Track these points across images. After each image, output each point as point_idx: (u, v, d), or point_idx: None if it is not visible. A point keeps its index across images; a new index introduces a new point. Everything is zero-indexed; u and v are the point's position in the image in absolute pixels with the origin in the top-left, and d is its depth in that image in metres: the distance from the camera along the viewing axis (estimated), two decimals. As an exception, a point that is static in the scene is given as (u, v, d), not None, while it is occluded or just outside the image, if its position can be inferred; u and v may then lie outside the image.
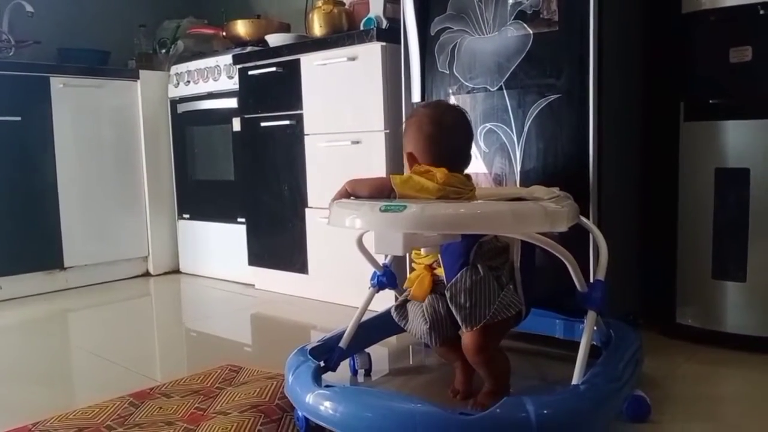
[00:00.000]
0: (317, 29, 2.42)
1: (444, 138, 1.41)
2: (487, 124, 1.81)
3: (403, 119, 2.02)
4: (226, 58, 2.74)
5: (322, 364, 1.40)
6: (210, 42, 3.17)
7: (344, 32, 2.37)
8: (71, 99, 2.78)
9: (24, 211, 2.66)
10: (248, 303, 2.51)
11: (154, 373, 1.72)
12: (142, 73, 3.00)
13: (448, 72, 1.89)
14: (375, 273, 1.60)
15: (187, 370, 1.71)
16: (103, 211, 2.89)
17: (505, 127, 1.77)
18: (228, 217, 2.81)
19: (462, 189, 1.32)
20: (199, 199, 2.99)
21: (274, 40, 2.61)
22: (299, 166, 2.42)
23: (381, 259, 1.59)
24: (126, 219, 2.98)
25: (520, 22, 1.72)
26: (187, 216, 3.04)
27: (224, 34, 3.01)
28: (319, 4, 2.45)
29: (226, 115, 2.76)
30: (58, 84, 2.73)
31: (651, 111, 1.90)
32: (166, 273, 3.10)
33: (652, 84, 1.90)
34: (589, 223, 1.48)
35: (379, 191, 1.33)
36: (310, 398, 1.19)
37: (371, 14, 2.26)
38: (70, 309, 2.56)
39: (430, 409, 1.08)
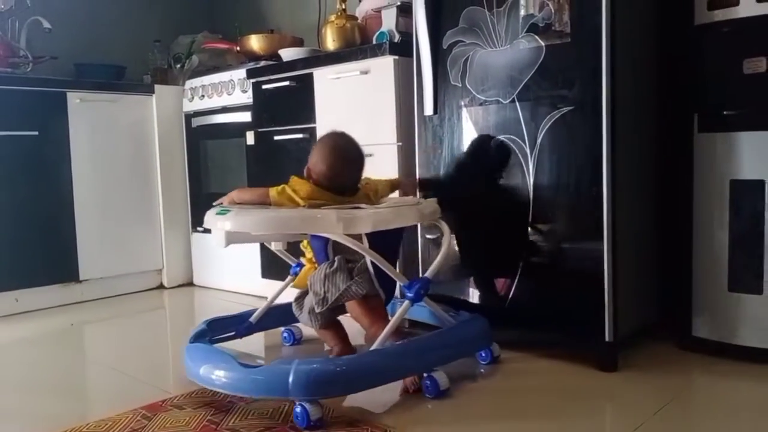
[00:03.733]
0: (330, 43, 2.44)
1: (338, 169, 1.72)
2: (499, 137, 1.81)
3: (416, 132, 2.03)
4: (240, 73, 2.76)
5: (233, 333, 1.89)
6: (224, 56, 3.20)
7: (357, 46, 2.38)
8: (88, 114, 2.81)
9: (40, 224, 2.68)
10: (261, 316, 2.51)
11: (167, 385, 1.72)
12: (157, 87, 3.04)
13: (460, 85, 1.89)
14: (293, 265, 1.93)
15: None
16: (118, 225, 2.92)
17: (517, 139, 1.77)
18: (241, 230, 2.82)
19: (325, 203, 1.62)
20: (213, 212, 2.99)
21: (287, 54, 2.64)
22: (312, 179, 2.42)
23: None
24: (141, 232, 3.00)
25: (532, 34, 1.72)
26: (201, 229, 3.06)
27: (238, 48, 3.04)
28: (332, 18, 2.48)
29: (239, 129, 2.78)
30: (74, 99, 2.77)
31: (664, 122, 1.90)
32: (180, 286, 3.11)
33: (666, 95, 1.89)
34: (444, 225, 1.75)
35: (260, 199, 1.66)
36: (185, 349, 1.65)
37: (384, 28, 2.27)
38: (85, 321, 2.57)
39: (228, 359, 1.49)
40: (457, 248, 1.96)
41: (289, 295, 1.91)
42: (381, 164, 2.18)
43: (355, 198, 1.72)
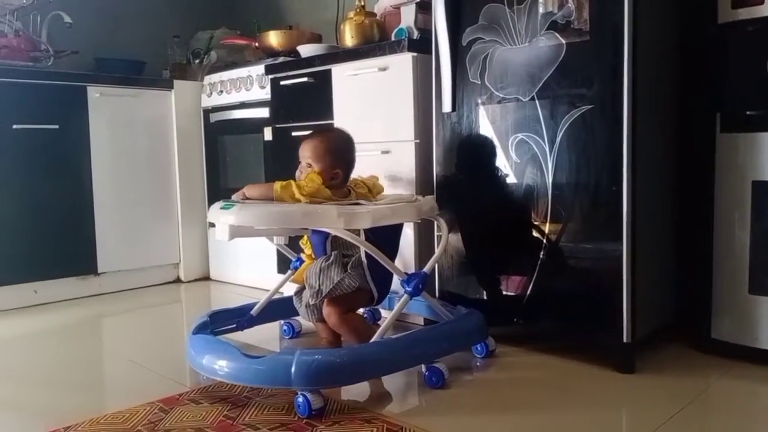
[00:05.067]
0: (349, 40, 2.44)
1: (338, 163, 1.82)
2: (518, 135, 1.80)
3: (434, 129, 2.03)
4: (259, 68, 2.77)
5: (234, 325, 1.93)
6: (242, 52, 3.21)
7: (375, 43, 2.38)
8: (107, 108, 2.84)
9: (60, 216, 2.71)
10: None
11: (184, 378, 1.73)
12: (176, 83, 3.06)
13: (479, 82, 1.89)
14: (293, 259, 2.00)
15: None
16: (136, 218, 2.94)
17: (536, 137, 1.76)
18: (258, 226, 2.83)
19: (327, 199, 1.70)
20: (229, 207, 3.01)
21: (305, 50, 2.64)
22: (329, 175, 2.43)
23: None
24: (158, 226, 3.03)
25: (553, 32, 1.71)
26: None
27: (257, 44, 3.05)
28: (351, 15, 2.47)
29: (257, 125, 2.79)
30: (95, 93, 2.80)
31: (686, 122, 1.88)
32: (196, 280, 3.14)
33: (687, 94, 1.87)
34: (442, 222, 1.82)
35: (266, 194, 1.71)
36: (188, 340, 1.70)
37: (402, 25, 2.26)
38: (103, 314, 2.60)
39: (232, 350, 1.54)
40: (474, 246, 1.95)
41: (290, 288, 1.94)
42: (398, 161, 2.18)
43: (351, 197, 1.79)
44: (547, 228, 1.76)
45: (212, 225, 3.09)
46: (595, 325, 1.69)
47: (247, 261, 2.92)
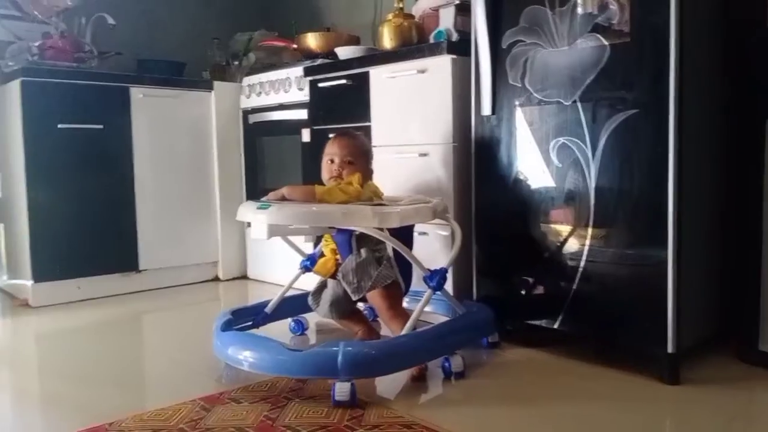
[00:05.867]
0: (387, 42, 2.44)
1: (370, 164, 2.00)
2: (560, 139, 1.78)
3: (472, 132, 2.02)
4: (297, 70, 2.79)
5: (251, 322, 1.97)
6: (281, 54, 3.24)
7: (414, 45, 2.38)
8: (150, 108, 2.89)
9: (103, 215, 2.78)
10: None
11: (222, 376, 1.75)
12: (216, 84, 3.10)
13: (519, 85, 1.87)
14: (302, 259, 2.04)
15: (254, 376, 1.73)
16: (176, 217, 2.99)
17: (579, 141, 1.73)
18: (295, 226, 2.85)
19: (372, 197, 1.83)
20: (267, 207, 3.04)
21: (343, 52, 2.65)
22: (366, 177, 2.43)
23: (310, 250, 2.11)
24: (198, 225, 3.07)
25: (596, 34, 1.68)
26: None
27: (295, 46, 3.07)
28: (390, 17, 2.47)
29: (295, 126, 2.81)
30: (138, 94, 2.85)
31: (733, 127, 1.83)
32: (234, 278, 3.18)
33: (735, 99, 1.82)
34: (451, 220, 1.93)
35: (307, 197, 1.76)
36: (215, 339, 1.75)
37: (441, 27, 2.26)
38: (144, 311, 2.66)
39: (276, 344, 1.60)
40: (513, 249, 1.94)
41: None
42: (436, 164, 2.17)
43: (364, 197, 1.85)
44: (588, 233, 1.74)
45: (248, 225, 3.13)
46: (638, 334, 1.66)
47: (283, 260, 2.94)
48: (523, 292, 1.93)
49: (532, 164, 1.86)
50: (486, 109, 1.95)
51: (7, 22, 2.90)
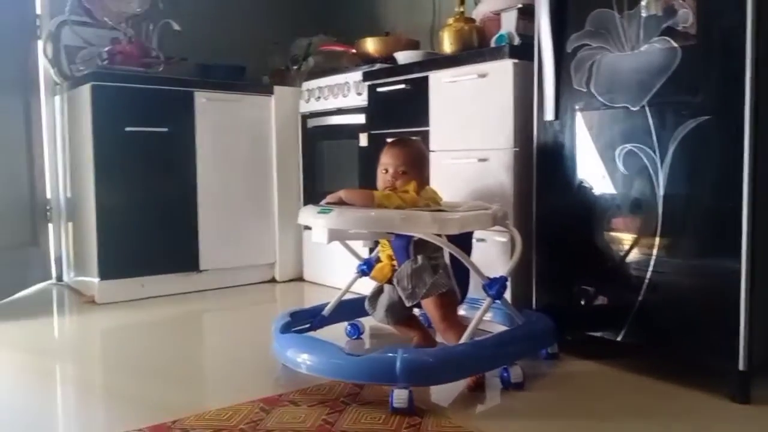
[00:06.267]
0: (447, 46, 2.43)
1: (426, 172, 2.00)
2: (626, 145, 1.73)
3: (534, 137, 1.98)
4: (356, 75, 2.81)
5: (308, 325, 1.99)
6: (339, 59, 3.26)
7: (475, 49, 2.35)
8: (212, 112, 2.96)
9: (166, 215, 2.85)
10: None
11: (280, 378, 1.77)
12: (277, 88, 3.15)
13: (584, 89, 1.83)
14: (359, 263, 2.05)
15: (311, 378, 1.75)
16: (236, 219, 3.05)
17: (647, 148, 1.68)
18: (351, 229, 2.87)
19: (429, 203, 1.83)
20: (324, 210, 3.06)
21: (402, 57, 2.65)
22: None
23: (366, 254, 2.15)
24: (256, 227, 3.12)
25: (666, 37, 1.63)
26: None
27: (354, 51, 3.09)
28: (450, 21, 2.46)
29: (353, 130, 2.83)
30: (201, 98, 2.92)
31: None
32: (290, 280, 3.21)
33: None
34: (511, 227, 1.93)
35: (365, 201, 1.77)
36: (274, 341, 1.78)
37: (503, 30, 2.23)
38: (204, 310, 2.72)
39: (335, 348, 1.61)
40: (576, 258, 1.90)
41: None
42: (496, 169, 2.15)
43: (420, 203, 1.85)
44: (655, 242, 1.68)
45: (307, 228, 3.16)
46: (707, 349, 1.59)
47: (338, 264, 2.96)
48: (584, 302, 1.88)
49: (596, 171, 1.82)
50: (549, 114, 1.92)
51: (79, 28, 3.02)
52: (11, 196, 2.89)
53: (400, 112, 2.55)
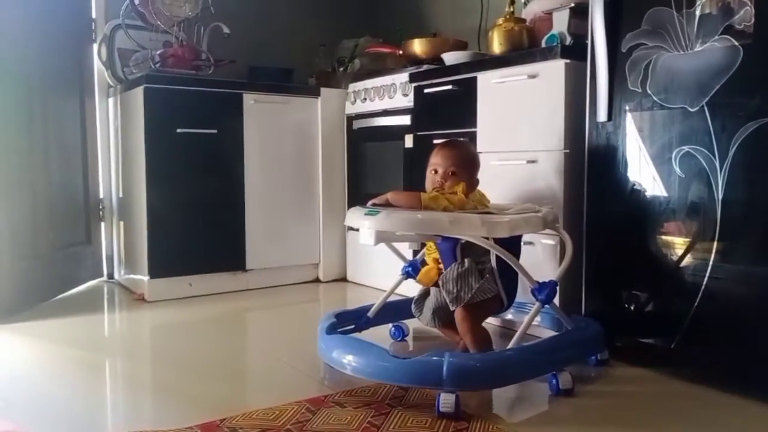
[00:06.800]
0: (497, 47, 2.40)
1: (476, 174, 1.94)
2: (684, 147, 1.67)
3: (586, 139, 1.94)
4: (402, 77, 2.80)
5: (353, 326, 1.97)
6: (385, 60, 3.26)
7: (525, 49, 2.32)
8: (260, 114, 2.99)
9: (215, 215, 2.89)
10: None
11: (325, 378, 1.77)
12: (323, 90, 3.16)
13: (640, 90, 1.78)
14: (404, 265, 2.03)
15: (356, 380, 1.74)
16: (281, 219, 3.07)
17: (705, 151, 1.62)
18: (396, 231, 2.86)
19: (476, 205, 1.82)
20: (368, 211, 3.06)
21: (450, 58, 2.63)
22: (471, 183, 2.40)
23: (410, 256, 2.15)
24: (301, 227, 3.14)
25: (728, 36, 1.57)
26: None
27: (401, 52, 3.08)
28: (500, 21, 2.43)
29: (398, 132, 2.82)
30: (249, 100, 2.96)
31: None
32: (334, 280, 3.22)
33: None
34: (561, 230, 1.88)
35: (412, 203, 1.76)
36: (320, 341, 1.79)
37: (554, 30, 2.18)
38: (250, 309, 2.74)
39: (380, 351, 1.61)
40: (630, 263, 1.84)
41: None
42: (545, 171, 2.11)
43: (469, 206, 1.83)
44: (713, 248, 1.62)
45: (351, 229, 3.16)
46: (766, 360, 1.52)
47: (382, 265, 2.95)
48: (635, 308, 1.83)
49: (651, 173, 1.76)
50: (602, 115, 1.87)
51: (132, 32, 3.09)
52: (67, 195, 2.97)
53: (447, 113, 2.53)
